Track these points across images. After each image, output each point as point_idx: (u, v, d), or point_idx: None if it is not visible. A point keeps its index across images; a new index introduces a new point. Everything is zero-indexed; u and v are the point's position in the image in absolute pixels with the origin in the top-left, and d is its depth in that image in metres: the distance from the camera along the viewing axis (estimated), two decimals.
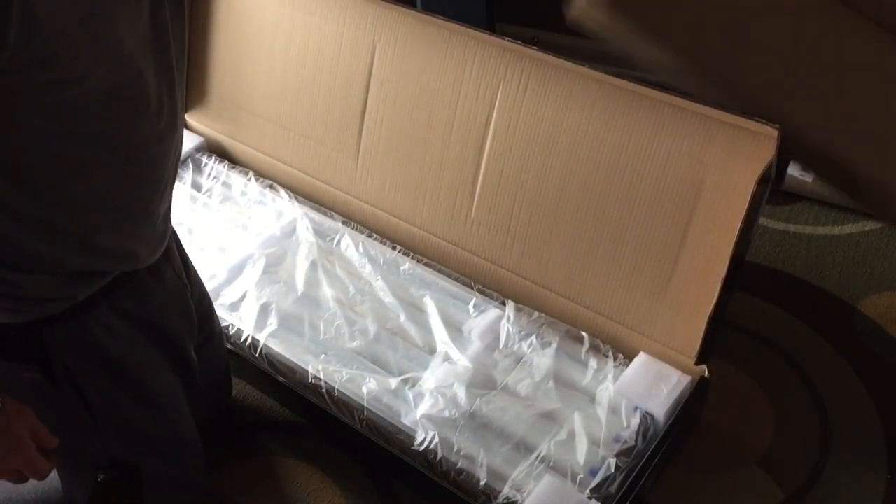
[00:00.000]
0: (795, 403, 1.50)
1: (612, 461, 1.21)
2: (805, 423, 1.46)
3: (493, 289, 1.50)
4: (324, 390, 1.33)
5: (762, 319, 1.64)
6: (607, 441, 1.25)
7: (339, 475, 1.38)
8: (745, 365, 1.55)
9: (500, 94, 1.40)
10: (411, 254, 1.57)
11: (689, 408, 1.30)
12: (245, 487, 1.38)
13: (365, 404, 1.30)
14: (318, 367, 1.35)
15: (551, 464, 1.24)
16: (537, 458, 1.25)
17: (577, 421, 1.28)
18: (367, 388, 1.32)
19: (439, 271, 1.54)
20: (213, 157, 1.78)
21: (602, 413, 1.29)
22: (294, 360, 1.37)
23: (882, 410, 1.47)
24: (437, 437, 1.25)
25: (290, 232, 1.61)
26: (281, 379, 1.36)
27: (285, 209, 1.65)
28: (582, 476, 1.21)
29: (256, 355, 1.40)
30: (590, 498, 1.17)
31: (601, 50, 2.19)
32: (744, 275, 1.62)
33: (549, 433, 1.28)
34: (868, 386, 1.52)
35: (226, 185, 1.72)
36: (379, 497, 1.35)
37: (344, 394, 1.31)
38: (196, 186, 1.73)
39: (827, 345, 1.59)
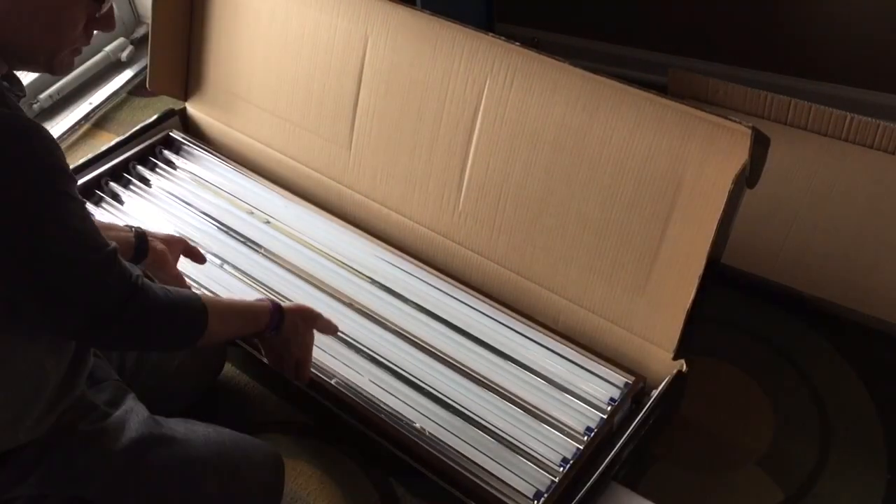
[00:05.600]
0: (795, 403, 1.49)
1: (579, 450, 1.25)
2: (805, 423, 1.46)
3: (478, 280, 1.51)
4: (320, 385, 1.33)
5: (762, 320, 1.63)
6: (578, 433, 1.28)
7: (339, 475, 1.37)
8: (745, 365, 1.55)
9: (487, 87, 1.41)
10: (401, 251, 1.58)
11: (667, 401, 1.31)
12: None
13: (355, 397, 1.32)
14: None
15: (529, 454, 1.26)
16: (515, 449, 1.27)
17: (554, 413, 1.30)
18: (360, 380, 1.35)
19: (426, 266, 1.55)
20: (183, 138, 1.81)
21: (575, 405, 1.31)
22: None
23: (882, 410, 1.47)
24: (424, 426, 1.27)
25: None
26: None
27: (272, 199, 1.68)
28: (555, 465, 1.24)
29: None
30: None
31: (601, 50, 2.21)
32: (744, 275, 1.62)
33: (526, 425, 1.29)
34: (868, 386, 1.51)
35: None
36: (379, 497, 1.35)
37: (337, 388, 1.33)
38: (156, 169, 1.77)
39: (827, 345, 1.58)
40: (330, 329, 1.31)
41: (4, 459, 1.01)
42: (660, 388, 1.29)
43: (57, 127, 2.11)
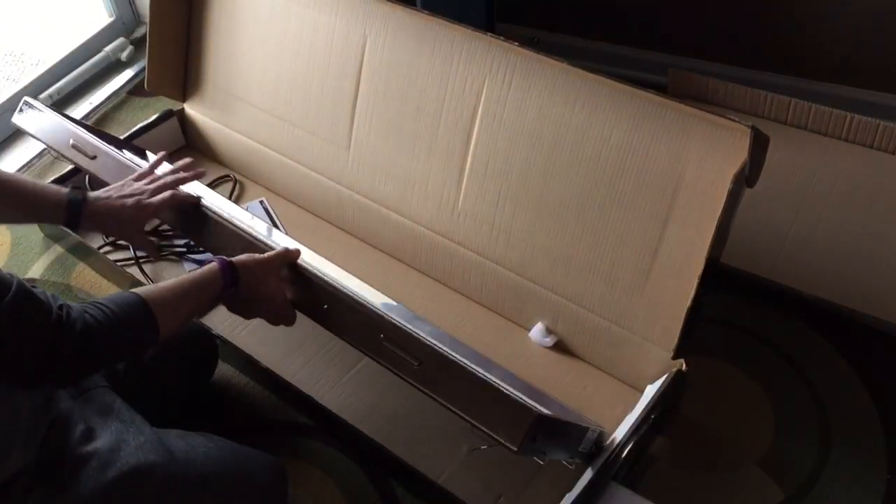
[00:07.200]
0: (795, 403, 1.49)
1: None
2: (805, 423, 1.46)
3: (477, 280, 1.52)
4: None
5: (762, 320, 1.63)
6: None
7: (339, 475, 1.37)
8: (745, 365, 1.54)
9: (485, 87, 1.41)
10: (401, 251, 1.59)
11: (667, 401, 1.30)
12: None
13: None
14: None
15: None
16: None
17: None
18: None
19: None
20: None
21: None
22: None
23: (882, 410, 1.46)
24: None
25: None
26: (285, 378, 1.36)
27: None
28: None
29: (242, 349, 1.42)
30: None
31: (601, 50, 2.21)
32: (744, 275, 1.62)
33: None
34: (868, 386, 1.51)
35: None
36: (379, 497, 1.35)
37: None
38: None
39: (827, 345, 1.58)
40: (291, 256, 1.19)
41: None
42: (659, 387, 1.29)
43: None
